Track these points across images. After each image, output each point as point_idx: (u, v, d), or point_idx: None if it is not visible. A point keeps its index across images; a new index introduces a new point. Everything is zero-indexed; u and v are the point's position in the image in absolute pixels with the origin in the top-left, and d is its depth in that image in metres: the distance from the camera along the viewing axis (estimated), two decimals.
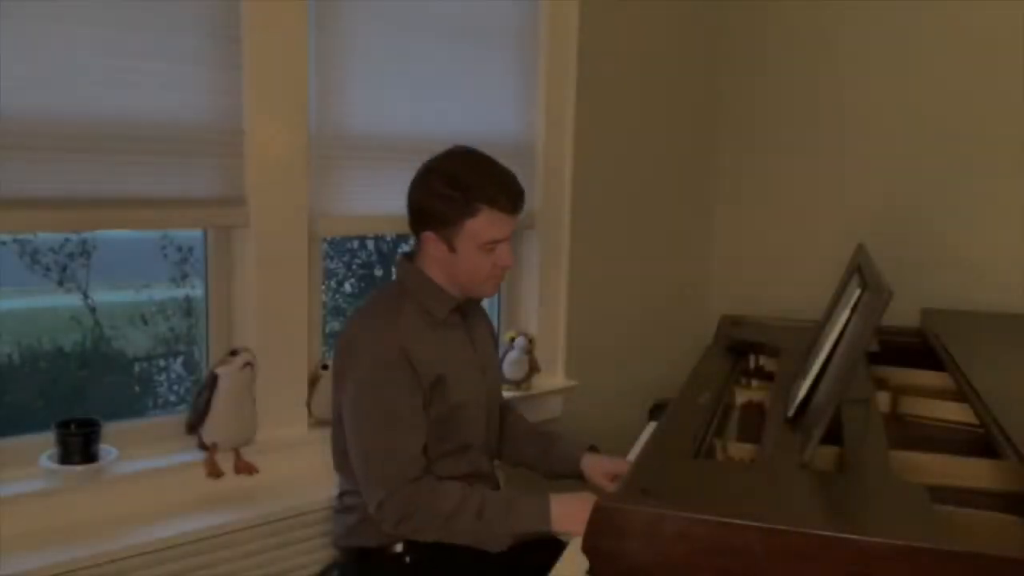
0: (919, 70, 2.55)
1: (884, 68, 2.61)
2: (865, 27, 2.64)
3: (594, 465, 1.81)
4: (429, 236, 1.64)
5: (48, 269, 2.09)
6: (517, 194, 1.64)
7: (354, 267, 2.97)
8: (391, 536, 1.61)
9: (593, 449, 1.87)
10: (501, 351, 2.44)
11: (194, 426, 1.85)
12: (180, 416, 1.88)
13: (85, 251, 2.11)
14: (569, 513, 1.52)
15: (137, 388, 2.31)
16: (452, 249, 1.63)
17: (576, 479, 1.83)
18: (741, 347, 2.11)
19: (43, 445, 1.71)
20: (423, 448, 1.60)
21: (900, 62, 2.58)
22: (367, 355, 1.59)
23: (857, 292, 1.48)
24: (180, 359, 2.37)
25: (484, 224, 1.61)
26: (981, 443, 1.50)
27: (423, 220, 1.64)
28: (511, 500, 1.56)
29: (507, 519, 1.54)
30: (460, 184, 1.60)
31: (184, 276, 2.24)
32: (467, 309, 1.76)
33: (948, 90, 2.50)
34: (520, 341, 2.40)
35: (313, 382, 2.01)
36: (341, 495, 1.75)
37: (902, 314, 2.00)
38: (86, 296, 2.15)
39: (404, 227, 1.76)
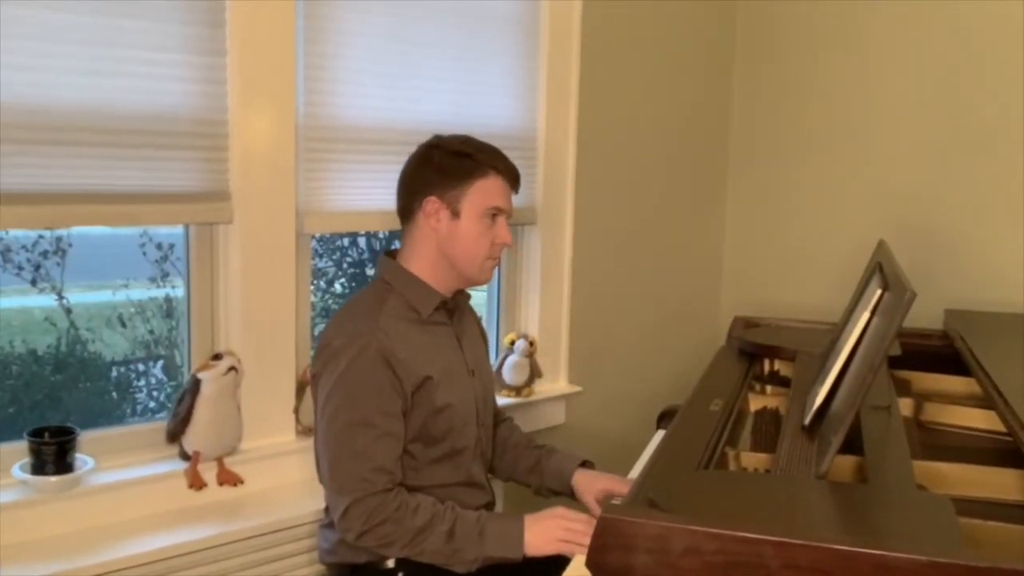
0: (942, 64, 2.55)
1: (906, 60, 2.61)
2: (887, 18, 2.64)
3: (586, 483, 1.81)
4: (432, 203, 1.67)
5: (20, 268, 2.09)
6: (516, 168, 1.74)
7: (344, 266, 2.97)
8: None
9: (587, 464, 1.86)
10: (500, 355, 2.44)
11: (175, 434, 1.85)
12: (160, 424, 1.88)
13: (60, 249, 2.10)
14: (542, 536, 1.55)
15: (115, 394, 2.31)
16: (456, 215, 1.66)
17: (568, 496, 1.83)
18: (755, 350, 2.11)
19: (15, 455, 1.71)
20: (397, 459, 1.60)
21: (922, 55, 2.58)
22: (344, 356, 1.59)
23: (878, 292, 1.48)
24: (160, 363, 2.37)
25: (490, 188, 1.68)
26: (1009, 452, 1.50)
27: (427, 187, 1.68)
28: (484, 523, 1.57)
29: (478, 543, 1.55)
30: (468, 150, 1.69)
31: (164, 275, 2.23)
32: (454, 307, 1.77)
33: (973, 85, 2.50)
34: (520, 344, 2.40)
35: (301, 388, 2.01)
36: (328, 508, 1.75)
37: (925, 316, 2.00)
38: (61, 296, 2.15)
39: (397, 223, 1.76)
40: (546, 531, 1.56)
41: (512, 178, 1.73)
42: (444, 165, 1.68)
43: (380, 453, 1.58)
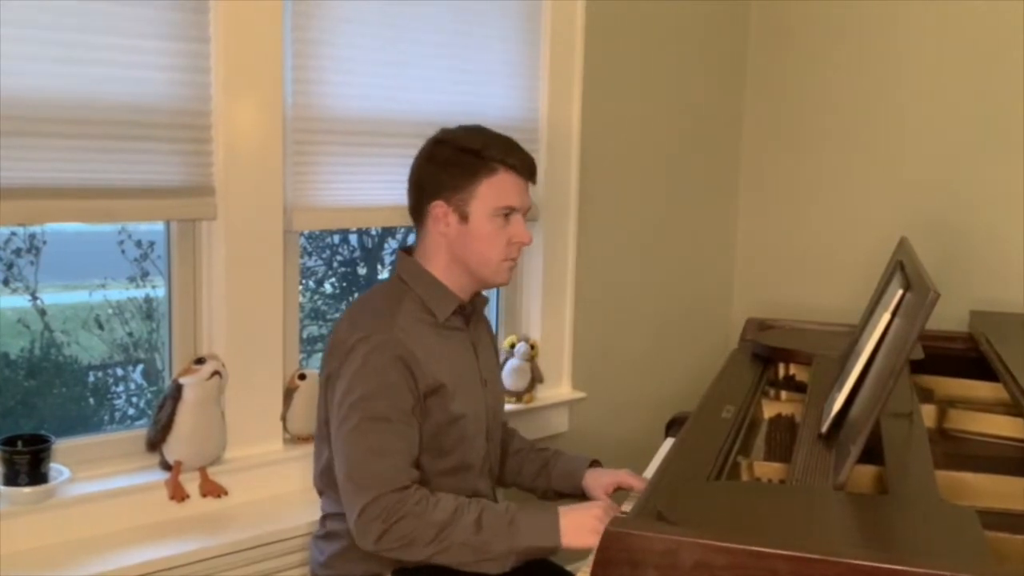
0: (963, 55, 2.55)
1: (925, 52, 2.61)
2: (907, 6, 2.63)
3: (595, 479, 1.83)
4: (438, 207, 1.66)
5: None
6: (531, 159, 1.72)
7: (335, 265, 2.97)
8: (378, 562, 1.60)
9: (596, 464, 1.88)
10: (500, 358, 2.44)
11: (155, 443, 1.85)
12: (140, 432, 1.88)
13: (34, 247, 2.10)
14: (580, 525, 1.51)
15: (91, 400, 2.31)
16: (464, 219, 1.66)
17: (578, 497, 1.83)
18: (769, 354, 2.11)
19: None
20: (414, 458, 1.60)
21: (942, 46, 2.58)
22: (360, 352, 1.59)
23: (899, 293, 1.48)
24: (140, 368, 2.37)
25: (500, 185, 1.66)
26: None
27: (432, 190, 1.67)
28: (514, 512, 1.54)
29: (509, 533, 1.52)
30: (473, 146, 1.67)
31: (144, 275, 2.24)
32: (470, 312, 1.76)
33: (997, 76, 2.49)
34: (521, 347, 2.40)
35: (289, 394, 2.01)
36: (323, 519, 1.75)
37: (949, 317, 2.00)
38: (35, 297, 2.15)
39: (390, 220, 1.77)
40: (587, 521, 1.51)
41: (526, 171, 1.70)
42: (449, 163, 1.67)
43: (397, 450, 1.57)
